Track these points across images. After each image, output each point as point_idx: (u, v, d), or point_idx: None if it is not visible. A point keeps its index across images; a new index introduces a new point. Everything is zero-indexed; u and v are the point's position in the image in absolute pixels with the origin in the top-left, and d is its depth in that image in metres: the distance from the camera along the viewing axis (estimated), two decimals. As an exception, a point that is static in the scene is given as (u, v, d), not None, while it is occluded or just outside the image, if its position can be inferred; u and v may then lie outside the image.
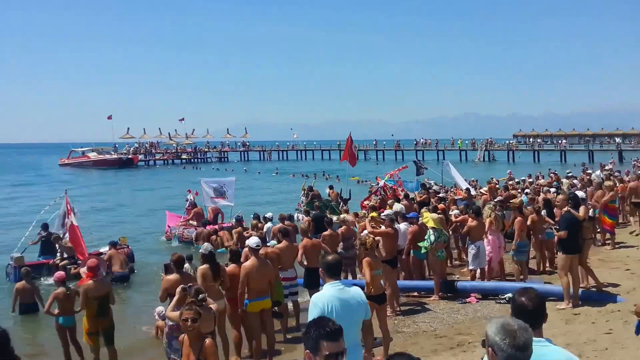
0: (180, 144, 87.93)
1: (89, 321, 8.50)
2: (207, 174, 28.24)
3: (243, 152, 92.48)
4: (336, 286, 5.00)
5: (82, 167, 75.11)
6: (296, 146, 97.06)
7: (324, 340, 3.04)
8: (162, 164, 79.63)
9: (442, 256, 11.99)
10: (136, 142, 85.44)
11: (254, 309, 8.51)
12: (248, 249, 8.92)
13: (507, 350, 2.70)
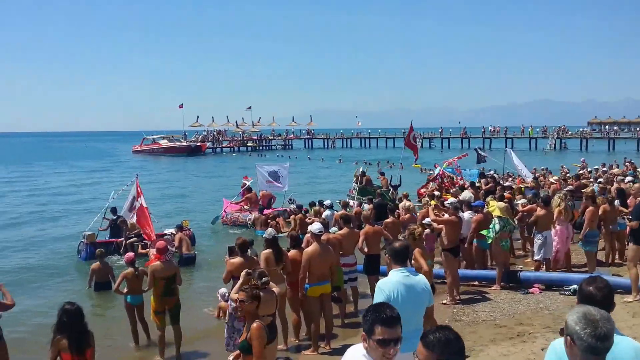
0: (246, 132, 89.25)
1: (156, 300, 8.82)
2: (271, 161, 28.44)
3: (307, 140, 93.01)
4: (402, 273, 5.05)
5: (153, 154, 77.30)
6: (360, 134, 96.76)
7: (379, 324, 3.14)
8: (228, 152, 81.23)
9: (507, 246, 11.78)
10: (205, 130, 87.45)
11: (314, 294, 8.66)
12: (310, 235, 9.07)
13: (587, 340, 2.64)
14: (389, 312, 3.17)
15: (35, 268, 15.52)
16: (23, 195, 34.14)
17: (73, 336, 5.71)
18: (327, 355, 8.63)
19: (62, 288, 13.62)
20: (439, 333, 2.86)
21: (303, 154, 70.79)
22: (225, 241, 17.85)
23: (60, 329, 5.75)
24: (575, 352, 2.71)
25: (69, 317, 5.75)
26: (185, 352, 9.15)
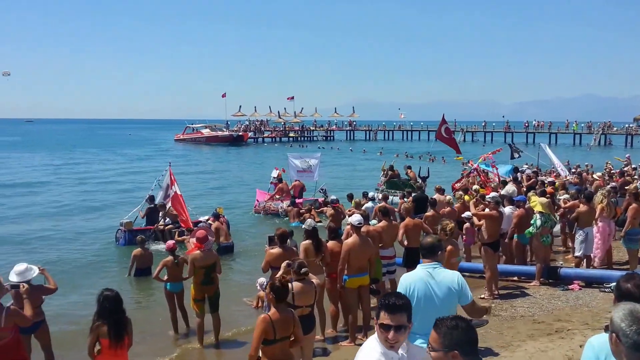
0: (288, 122, 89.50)
1: (196, 288, 9.00)
2: (312, 152, 28.75)
3: (349, 132, 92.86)
4: (427, 268, 5.02)
5: (196, 142, 78.25)
6: (402, 126, 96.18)
7: (383, 310, 3.33)
8: (270, 142, 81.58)
9: (548, 241, 11.64)
10: (247, 120, 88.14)
11: (353, 285, 8.73)
12: (350, 226, 9.15)
13: (634, 337, 2.64)
14: (394, 300, 3.35)
15: (75, 255, 16.01)
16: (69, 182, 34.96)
17: (112, 322, 5.85)
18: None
19: (102, 275, 13.97)
20: (451, 321, 2.97)
21: (345, 145, 70.75)
22: (260, 229, 18.66)
23: (100, 315, 5.90)
24: (620, 349, 2.71)
25: (109, 303, 5.90)
26: (223, 340, 9.33)
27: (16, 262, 7.13)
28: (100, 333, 5.86)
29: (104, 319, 5.86)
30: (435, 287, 4.93)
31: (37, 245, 17.23)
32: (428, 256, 5.14)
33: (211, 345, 9.17)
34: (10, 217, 22.34)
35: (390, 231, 10.58)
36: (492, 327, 8.77)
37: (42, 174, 39.95)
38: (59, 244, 17.60)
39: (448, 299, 4.93)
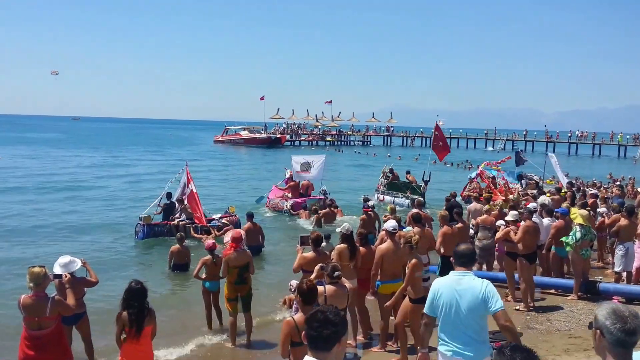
0: (325, 126, 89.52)
1: (229, 288, 9.16)
2: (348, 156, 29.00)
3: (386, 137, 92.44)
4: (457, 276, 5.03)
5: (234, 144, 79.02)
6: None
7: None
8: (307, 145, 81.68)
9: (587, 255, 11.40)
10: (284, 123, 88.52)
11: (386, 291, 8.67)
12: (385, 232, 9.10)
13: (616, 334, 2.78)
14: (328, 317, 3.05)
15: (103, 248, 16.72)
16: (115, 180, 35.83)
17: (134, 312, 6.09)
18: (395, 354, 8.65)
19: (135, 268, 14.54)
20: (517, 354, 2.83)
21: (381, 150, 70.44)
22: (287, 232, 19.25)
23: (123, 304, 6.17)
24: (603, 345, 2.85)
25: (131, 294, 6.15)
26: (255, 339, 9.39)
27: (56, 252, 7.37)
28: (124, 321, 6.12)
29: (127, 309, 6.11)
30: (461, 295, 4.92)
31: (66, 235, 18.32)
32: (460, 264, 5.11)
33: (243, 344, 9.25)
34: (51, 210, 23.45)
35: (423, 238, 10.46)
36: (527, 340, 8.58)
37: (83, 170, 41.30)
38: (90, 235, 18.41)
39: (474, 308, 4.90)
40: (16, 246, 16.38)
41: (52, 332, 6.27)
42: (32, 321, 6.22)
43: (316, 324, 2.95)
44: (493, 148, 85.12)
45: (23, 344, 6.28)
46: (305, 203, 22.41)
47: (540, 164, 27.13)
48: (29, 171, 38.71)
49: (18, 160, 47.37)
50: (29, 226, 19.55)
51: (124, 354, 6.23)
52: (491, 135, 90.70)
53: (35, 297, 6.22)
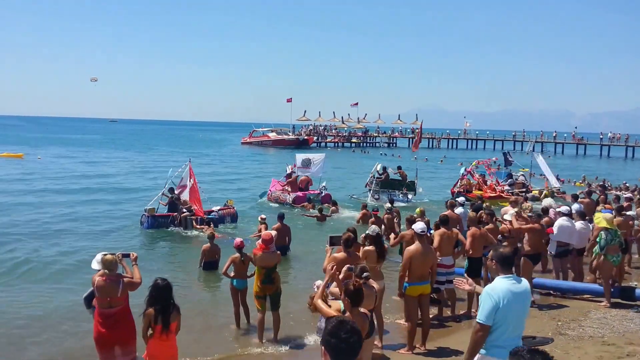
0: (351, 128, 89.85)
1: (257, 286, 9.25)
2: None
3: (412, 139, 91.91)
4: (509, 280, 5.01)
5: (262, 145, 79.60)
6: (468, 135, 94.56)
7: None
8: (333, 146, 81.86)
9: (617, 261, 11.09)
10: (311, 125, 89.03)
11: (413, 293, 8.63)
12: (413, 233, 9.01)
13: None
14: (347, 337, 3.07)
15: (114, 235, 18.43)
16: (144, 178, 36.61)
17: (159, 308, 6.32)
18: (422, 356, 8.59)
19: (172, 266, 14.85)
20: (535, 356, 2.87)
21: (407, 152, 70.17)
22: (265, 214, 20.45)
23: (149, 301, 6.40)
24: None
25: (157, 291, 6.39)
26: (282, 337, 9.40)
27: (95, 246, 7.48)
28: (149, 317, 6.36)
29: (153, 305, 6.35)
30: (519, 297, 4.96)
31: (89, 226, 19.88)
32: (505, 268, 5.08)
33: (270, 342, 9.27)
34: (82, 202, 25.29)
35: (448, 240, 10.36)
36: (558, 346, 8.43)
37: (118, 169, 42.92)
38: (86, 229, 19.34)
39: (527, 309, 5.07)
40: (66, 242, 17.13)
41: (121, 311, 6.96)
42: (104, 301, 6.93)
43: (344, 334, 2.96)
44: (522, 150, 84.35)
45: (97, 322, 6.95)
46: (307, 197, 24.54)
47: (567, 167, 27.83)
48: (66, 171, 40.21)
49: (56, 160, 49.32)
50: (67, 222, 20.51)
51: (151, 350, 6.44)
52: (519, 137, 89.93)
53: (108, 279, 6.95)
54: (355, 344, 2.98)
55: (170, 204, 19.31)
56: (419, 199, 26.93)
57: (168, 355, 6.55)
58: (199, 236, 17.69)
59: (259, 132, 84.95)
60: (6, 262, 14.25)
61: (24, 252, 15.21)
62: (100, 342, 6.97)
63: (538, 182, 34.20)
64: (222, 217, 19.73)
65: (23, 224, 19.43)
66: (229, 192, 28.78)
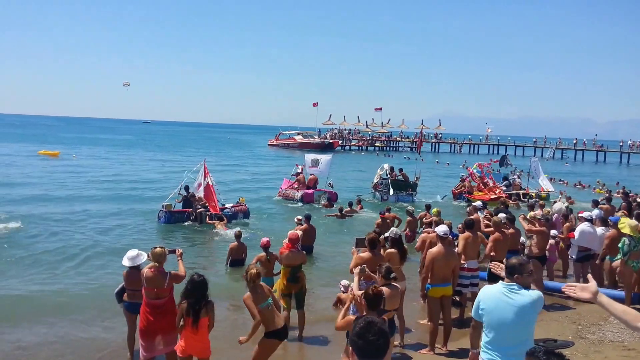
0: (375, 132, 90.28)
1: (282, 284, 9.52)
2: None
3: (434, 144, 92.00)
4: (505, 286, 5.05)
5: (288, 148, 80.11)
6: (489, 140, 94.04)
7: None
8: (357, 150, 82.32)
9: (637, 266, 11.14)
10: (336, 128, 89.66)
11: (435, 294, 8.81)
12: (436, 236, 9.21)
13: None
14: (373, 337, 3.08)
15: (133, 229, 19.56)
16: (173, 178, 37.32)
17: (192, 303, 6.60)
18: (444, 357, 8.73)
19: (202, 261, 15.34)
20: (552, 358, 2.97)
21: (430, 157, 70.09)
22: (276, 211, 24.10)
23: (184, 295, 6.69)
24: None
25: (194, 286, 6.67)
26: (307, 335, 9.62)
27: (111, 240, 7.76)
28: (183, 310, 6.64)
29: (188, 299, 6.63)
30: (508, 307, 4.96)
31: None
32: (508, 275, 5.15)
33: (295, 339, 9.46)
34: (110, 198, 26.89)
35: (474, 243, 10.51)
36: (579, 349, 8.54)
37: (147, 168, 44.57)
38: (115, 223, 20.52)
39: (521, 320, 4.96)
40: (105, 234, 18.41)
41: (167, 302, 7.29)
42: (151, 292, 7.27)
43: (372, 336, 2.95)
44: (542, 156, 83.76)
45: (144, 312, 7.27)
46: (314, 194, 26.24)
47: (588, 174, 28.79)
48: (98, 169, 42.06)
49: (90, 159, 51.34)
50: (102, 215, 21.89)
51: (182, 341, 6.78)
52: (540, 143, 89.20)
53: (156, 271, 7.31)
54: (383, 346, 2.96)
55: (185, 201, 20.51)
56: (420, 199, 28.35)
57: (197, 349, 6.77)
58: (218, 233, 18.69)
59: (286, 135, 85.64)
60: (39, 249, 15.54)
61: (54, 243, 16.50)
62: (146, 332, 7.28)
63: (558, 187, 34.58)
64: (235, 214, 20.91)
65: (53, 216, 20.93)
66: (247, 191, 30.26)
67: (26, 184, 30.70)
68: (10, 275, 13.10)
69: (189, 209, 20.15)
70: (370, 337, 2.94)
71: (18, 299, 11.37)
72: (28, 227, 18.33)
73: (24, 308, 10.81)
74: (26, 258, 14.58)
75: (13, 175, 34.16)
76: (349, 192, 28.88)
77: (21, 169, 38.87)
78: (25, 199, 25.05)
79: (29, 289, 12.02)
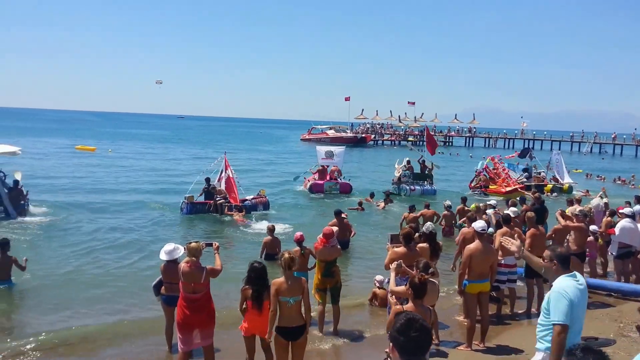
0: (408, 126, 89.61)
1: (317, 279, 9.53)
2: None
3: (468, 138, 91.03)
4: (573, 278, 4.99)
5: (321, 142, 79.98)
6: (525, 135, 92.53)
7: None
8: (389, 144, 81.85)
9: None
10: (368, 123, 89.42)
11: (473, 291, 8.71)
12: (474, 232, 9.10)
13: None
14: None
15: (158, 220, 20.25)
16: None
17: (255, 288, 6.95)
18: (481, 353, 8.64)
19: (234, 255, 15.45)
20: (589, 355, 2.93)
21: (464, 151, 69.41)
22: (301, 203, 25.29)
23: (247, 281, 7.11)
24: None
25: (254, 273, 7.07)
26: (342, 330, 9.59)
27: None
28: (246, 295, 7.01)
29: (250, 284, 7.00)
30: (584, 296, 4.99)
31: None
32: (566, 267, 5.08)
33: (330, 333, 9.46)
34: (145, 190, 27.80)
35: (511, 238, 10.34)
36: (621, 347, 8.38)
37: (179, 162, 45.67)
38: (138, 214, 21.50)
39: (585, 308, 5.06)
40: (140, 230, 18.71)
41: (204, 296, 7.40)
42: (188, 286, 7.35)
43: (414, 333, 2.88)
44: (579, 151, 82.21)
45: (181, 306, 7.37)
46: (324, 185, 27.24)
47: (626, 169, 29.14)
48: (132, 162, 43.58)
49: (125, 153, 52.81)
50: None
51: (246, 322, 7.20)
52: (577, 138, 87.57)
53: (193, 266, 7.37)
54: (425, 343, 2.91)
55: (206, 193, 21.14)
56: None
57: (260, 329, 7.08)
58: (240, 225, 19.21)
59: (318, 130, 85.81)
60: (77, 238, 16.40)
61: (86, 235, 17.17)
62: (183, 325, 7.34)
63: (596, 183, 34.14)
64: (255, 205, 21.50)
65: (90, 207, 22.26)
66: (275, 185, 31.28)
67: (64, 177, 31.76)
68: (51, 263, 13.73)
69: (210, 201, 20.72)
70: (412, 333, 2.88)
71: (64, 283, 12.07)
72: (67, 218, 19.30)
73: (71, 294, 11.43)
74: (64, 247, 15.26)
75: (53, 169, 35.21)
76: (379, 185, 29.32)
77: (60, 163, 40.09)
78: (63, 191, 26.07)
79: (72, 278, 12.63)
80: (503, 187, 27.91)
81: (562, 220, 11.83)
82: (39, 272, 12.50)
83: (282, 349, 6.80)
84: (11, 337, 9.19)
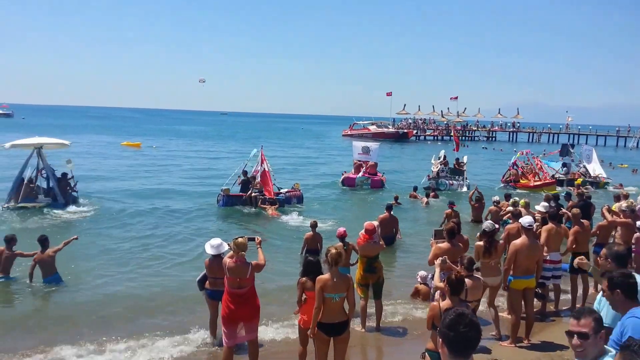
0: (451, 121, 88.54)
1: (360, 274, 9.57)
2: (473, 151, 30.04)
3: (512, 133, 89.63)
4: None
5: (362, 138, 79.55)
6: (569, 129, 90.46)
7: (570, 316, 3.42)
8: (432, 140, 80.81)
9: None
10: (410, 118, 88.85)
11: (518, 286, 8.65)
12: (520, 227, 9.05)
13: None
14: (581, 308, 3.34)
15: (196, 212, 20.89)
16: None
17: (312, 278, 7.08)
18: (525, 349, 8.58)
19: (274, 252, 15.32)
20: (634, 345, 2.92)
21: (508, 146, 68.32)
22: (335, 197, 25.88)
23: (303, 273, 7.39)
24: None
25: (311, 267, 7.35)
26: (384, 325, 9.66)
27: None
28: (305, 286, 7.15)
29: (308, 276, 7.19)
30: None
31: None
32: (621, 265, 4.98)
33: (372, 329, 9.52)
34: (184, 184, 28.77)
35: (556, 235, 10.24)
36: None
37: (221, 156, 46.69)
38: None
39: None
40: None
41: (249, 291, 7.51)
42: (234, 281, 7.45)
43: (463, 328, 2.88)
44: (625, 146, 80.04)
45: (226, 301, 7.48)
46: (355, 179, 27.82)
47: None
48: (176, 157, 44.82)
49: (169, 149, 54.35)
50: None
51: (307, 313, 7.16)
52: (623, 132, 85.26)
53: (239, 261, 7.48)
54: (474, 338, 2.89)
55: (243, 184, 21.65)
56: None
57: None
58: (274, 218, 19.73)
59: (360, 125, 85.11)
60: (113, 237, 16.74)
61: (130, 228, 17.92)
62: (228, 319, 7.44)
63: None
64: (289, 198, 21.98)
65: (131, 197, 23.74)
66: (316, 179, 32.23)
67: (112, 171, 32.90)
68: (94, 250, 14.58)
69: (245, 193, 21.23)
70: (462, 329, 2.88)
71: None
72: (112, 208, 20.63)
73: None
74: (105, 243, 15.72)
75: (100, 165, 36.24)
76: (411, 181, 29.51)
77: (107, 159, 41.20)
78: (108, 184, 27.38)
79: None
80: (533, 181, 27.98)
81: (608, 216, 11.61)
82: (80, 258, 13.44)
83: (324, 344, 6.78)
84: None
